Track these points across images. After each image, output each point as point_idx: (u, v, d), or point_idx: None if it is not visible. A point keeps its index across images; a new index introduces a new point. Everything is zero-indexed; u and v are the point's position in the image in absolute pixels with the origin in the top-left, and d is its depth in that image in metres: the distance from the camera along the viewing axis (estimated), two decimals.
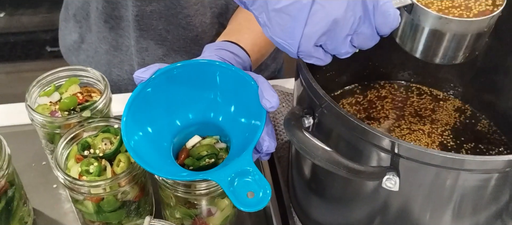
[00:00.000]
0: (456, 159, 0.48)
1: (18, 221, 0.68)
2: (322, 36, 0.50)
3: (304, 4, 0.48)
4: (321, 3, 0.48)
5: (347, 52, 0.53)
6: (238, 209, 0.53)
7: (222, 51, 0.67)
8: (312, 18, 0.49)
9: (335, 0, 0.48)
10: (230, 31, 0.79)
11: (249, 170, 0.53)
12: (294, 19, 0.49)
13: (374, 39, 0.52)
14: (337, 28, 0.50)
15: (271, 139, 0.57)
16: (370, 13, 0.50)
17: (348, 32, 0.50)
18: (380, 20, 0.50)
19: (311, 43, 0.50)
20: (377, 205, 0.58)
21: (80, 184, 0.60)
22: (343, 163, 0.49)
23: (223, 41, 0.71)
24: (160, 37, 0.90)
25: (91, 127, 0.67)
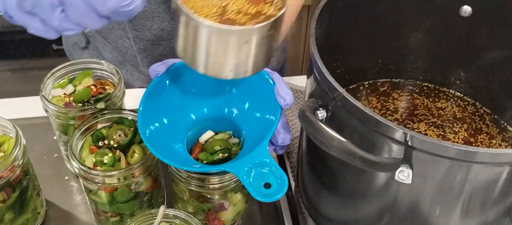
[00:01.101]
0: (469, 151, 0.49)
1: (31, 211, 0.69)
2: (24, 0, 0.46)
3: None
4: None
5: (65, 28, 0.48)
6: (249, 204, 0.54)
7: None
8: None
9: None
10: None
11: (266, 161, 0.54)
12: None
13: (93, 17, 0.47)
14: None
15: (286, 131, 0.58)
16: None
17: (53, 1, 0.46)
18: None
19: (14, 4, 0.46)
20: (388, 199, 0.59)
21: (95, 173, 0.61)
22: (358, 153, 0.50)
23: None
24: (155, 37, 0.89)
25: (105, 119, 0.67)
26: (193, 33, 0.48)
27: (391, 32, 0.76)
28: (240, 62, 0.50)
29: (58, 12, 0.47)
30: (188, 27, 0.48)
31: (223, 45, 0.48)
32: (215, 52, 0.49)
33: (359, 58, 0.77)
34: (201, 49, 0.49)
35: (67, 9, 0.47)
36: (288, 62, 1.14)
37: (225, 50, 0.49)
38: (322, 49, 0.58)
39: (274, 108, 0.58)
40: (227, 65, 0.50)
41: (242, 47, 0.49)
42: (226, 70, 0.50)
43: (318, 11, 0.62)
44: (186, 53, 0.51)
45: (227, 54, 0.49)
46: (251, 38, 0.48)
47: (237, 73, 0.51)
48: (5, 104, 0.88)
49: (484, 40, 0.73)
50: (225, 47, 0.48)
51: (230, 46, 0.48)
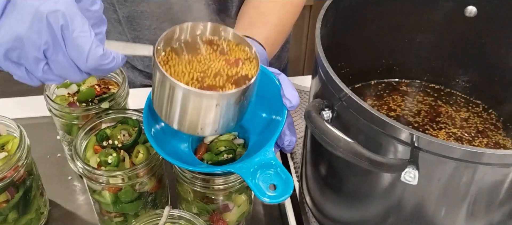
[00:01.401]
0: (476, 152, 0.48)
1: (35, 211, 0.69)
2: (11, 51, 0.48)
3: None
4: (8, 16, 0.47)
5: (47, 79, 0.50)
6: (253, 205, 0.54)
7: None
8: (0, 29, 0.47)
9: (21, 17, 0.46)
10: (243, 26, 0.79)
11: (272, 163, 0.54)
12: None
13: (75, 72, 0.50)
14: (24, 47, 0.47)
15: (292, 133, 0.58)
16: (60, 42, 0.48)
17: (37, 55, 0.48)
18: (74, 54, 0.48)
19: (1, 54, 0.48)
20: (393, 200, 0.58)
21: (99, 173, 0.61)
22: (365, 154, 0.50)
23: None
24: (155, 37, 0.89)
25: (109, 118, 0.67)
26: (168, 93, 0.51)
27: (396, 32, 0.76)
28: (211, 122, 0.53)
29: (42, 65, 0.49)
30: (165, 87, 0.51)
31: (196, 107, 0.51)
32: (189, 113, 0.52)
33: (364, 59, 0.77)
34: (176, 108, 0.52)
35: (50, 63, 0.49)
36: (290, 62, 1.14)
37: (198, 112, 0.51)
38: (326, 49, 0.57)
39: (280, 110, 0.58)
40: (200, 124, 0.53)
41: (214, 110, 0.51)
42: (198, 128, 0.53)
43: (323, 11, 0.62)
44: (161, 109, 0.53)
45: (199, 115, 0.52)
46: (221, 102, 0.51)
47: (210, 131, 0.54)
48: (8, 104, 0.88)
49: (489, 41, 0.73)
50: (198, 109, 0.51)
51: (202, 108, 0.51)
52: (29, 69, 0.49)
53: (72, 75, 0.50)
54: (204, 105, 0.51)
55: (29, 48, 0.47)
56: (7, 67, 0.49)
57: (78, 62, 0.49)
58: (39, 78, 0.50)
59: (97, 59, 0.49)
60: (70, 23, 0.47)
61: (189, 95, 0.50)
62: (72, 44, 0.48)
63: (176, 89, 0.50)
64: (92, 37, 0.48)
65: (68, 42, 0.48)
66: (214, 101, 0.51)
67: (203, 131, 0.53)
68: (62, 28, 0.47)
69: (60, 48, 0.48)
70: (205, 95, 0.50)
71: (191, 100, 0.50)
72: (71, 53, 0.48)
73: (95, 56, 0.48)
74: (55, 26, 0.47)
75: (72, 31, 0.47)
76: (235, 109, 0.53)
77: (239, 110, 0.54)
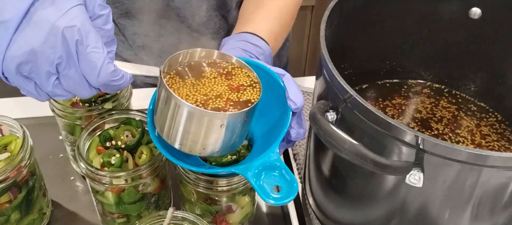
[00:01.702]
0: (481, 155, 0.48)
1: (38, 212, 0.69)
2: (23, 65, 0.48)
3: (8, 27, 0.47)
4: (23, 30, 0.47)
5: (56, 94, 0.51)
6: (257, 207, 0.53)
7: (243, 43, 0.67)
8: (14, 42, 0.48)
9: (36, 31, 0.47)
10: (245, 21, 0.78)
11: (276, 164, 0.53)
12: (0, 38, 0.48)
13: (85, 87, 0.51)
14: (37, 60, 0.48)
15: (299, 126, 0.58)
16: (74, 56, 0.49)
17: (50, 70, 0.49)
18: (86, 69, 0.49)
19: (13, 68, 0.48)
20: (397, 202, 0.58)
21: (102, 174, 0.61)
22: (370, 156, 0.50)
23: (242, 33, 0.71)
24: (154, 33, 0.89)
25: (113, 119, 0.67)
26: (173, 112, 0.52)
27: (400, 34, 0.76)
28: (213, 142, 0.54)
29: (53, 80, 0.50)
30: (170, 106, 0.52)
31: (201, 126, 0.52)
32: (192, 132, 0.53)
33: (368, 60, 0.77)
34: (179, 127, 0.53)
35: (62, 77, 0.50)
36: (291, 63, 1.14)
37: (202, 131, 0.53)
38: (330, 50, 0.57)
39: (285, 111, 0.57)
40: (202, 144, 0.54)
41: (218, 130, 0.53)
42: (200, 148, 0.54)
43: (327, 12, 0.62)
44: (163, 128, 0.54)
45: (203, 135, 0.53)
46: (227, 122, 0.53)
47: (211, 151, 0.55)
48: (11, 103, 0.88)
49: (493, 42, 0.73)
50: (203, 128, 0.53)
51: (207, 127, 0.53)
52: (39, 84, 0.50)
53: (81, 90, 0.51)
54: (210, 125, 0.52)
55: (42, 62, 0.48)
56: (17, 81, 0.50)
57: (90, 77, 0.50)
58: (48, 92, 0.51)
59: (108, 75, 0.50)
60: (85, 39, 0.48)
61: (197, 114, 0.52)
62: (85, 59, 0.49)
63: (183, 109, 0.51)
64: (105, 53, 0.50)
65: (82, 57, 0.49)
66: (220, 121, 0.52)
67: (205, 151, 0.55)
68: (77, 43, 0.48)
69: (73, 63, 0.49)
70: (212, 115, 0.52)
71: (197, 120, 0.52)
72: (83, 68, 0.49)
73: (107, 72, 0.50)
74: (70, 41, 0.48)
75: (86, 46, 0.48)
76: (237, 131, 0.55)
77: (240, 133, 0.56)
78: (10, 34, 0.47)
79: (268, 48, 0.70)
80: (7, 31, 0.47)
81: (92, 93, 0.52)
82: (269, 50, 0.70)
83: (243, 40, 0.68)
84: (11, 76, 0.49)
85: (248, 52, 0.66)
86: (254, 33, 0.71)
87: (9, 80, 0.50)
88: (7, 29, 0.47)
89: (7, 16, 0.47)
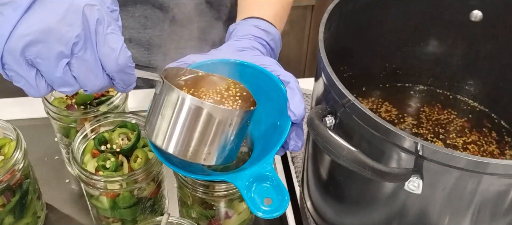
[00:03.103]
0: (481, 162, 0.47)
1: (32, 215, 0.68)
2: (32, 45, 0.44)
3: (19, 5, 0.43)
4: (36, 10, 0.44)
5: (63, 82, 0.46)
6: None
7: (254, 29, 0.65)
8: (24, 21, 0.43)
9: (52, 8, 0.44)
10: (247, 6, 0.75)
11: (268, 175, 0.52)
12: (6, 18, 0.43)
13: (98, 72, 0.47)
14: (50, 40, 0.44)
15: (298, 137, 0.57)
16: (92, 37, 0.46)
17: (63, 50, 0.44)
18: (105, 51, 0.46)
19: (19, 49, 0.44)
20: (396, 208, 0.58)
21: (96, 179, 0.60)
22: (368, 163, 0.49)
23: (250, 18, 0.69)
24: (140, 25, 0.88)
25: (108, 122, 0.66)
26: (177, 112, 0.50)
27: (400, 36, 0.75)
28: (217, 145, 0.53)
29: (64, 63, 0.45)
30: (173, 106, 0.50)
31: (207, 124, 0.51)
32: (199, 131, 0.51)
33: (367, 63, 0.76)
34: (183, 130, 0.51)
35: (75, 61, 0.46)
36: (291, 64, 1.12)
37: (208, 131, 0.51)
38: (329, 52, 0.56)
39: (286, 120, 0.56)
40: (206, 148, 0.52)
41: (226, 129, 0.52)
42: (203, 153, 0.52)
43: (326, 15, 0.61)
44: (162, 136, 0.52)
45: (210, 135, 0.51)
46: (235, 120, 0.52)
47: (215, 158, 0.53)
48: (5, 104, 0.87)
49: (494, 45, 0.72)
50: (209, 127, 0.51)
51: (215, 126, 0.51)
52: (44, 70, 0.45)
53: (92, 78, 0.47)
54: (220, 122, 0.51)
55: (55, 42, 0.44)
56: (17, 67, 0.45)
57: (108, 59, 0.46)
58: (55, 79, 0.46)
59: (127, 60, 0.47)
60: (105, 19, 0.46)
61: (212, 111, 0.50)
62: (104, 40, 0.46)
63: (192, 106, 0.49)
64: (122, 38, 0.47)
65: (100, 38, 0.46)
66: (231, 118, 0.51)
67: (210, 155, 0.53)
68: (97, 23, 0.45)
69: (90, 44, 0.46)
70: (225, 111, 0.51)
71: (206, 116, 0.50)
72: (102, 50, 0.46)
73: (126, 55, 0.47)
74: (90, 20, 0.45)
75: (107, 27, 0.46)
76: (240, 135, 0.54)
77: (240, 139, 0.55)
78: (19, 13, 0.43)
79: (277, 33, 0.69)
80: (16, 11, 0.43)
81: (102, 84, 0.48)
82: (278, 34, 0.69)
83: (253, 25, 0.66)
84: (12, 60, 0.44)
85: (259, 39, 0.64)
86: (262, 18, 0.69)
87: (5, 67, 0.45)
88: (17, 8, 0.43)
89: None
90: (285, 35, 1.68)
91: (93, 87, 0.48)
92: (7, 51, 0.44)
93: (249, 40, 0.64)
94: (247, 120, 0.54)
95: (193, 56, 0.60)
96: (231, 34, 0.67)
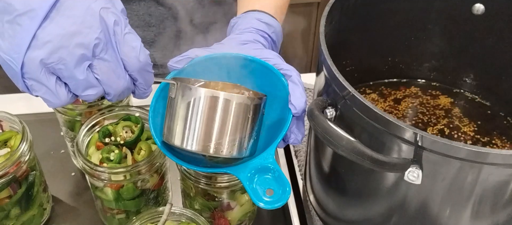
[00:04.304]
0: (481, 152, 0.48)
1: (38, 207, 0.69)
2: (52, 53, 0.44)
3: (36, 15, 0.43)
4: (53, 18, 0.44)
5: (87, 84, 0.46)
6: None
7: (256, 23, 0.65)
8: (42, 29, 0.44)
9: (70, 14, 0.44)
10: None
11: (270, 167, 0.53)
12: (24, 29, 0.43)
13: (120, 72, 0.47)
14: (70, 43, 0.44)
15: (299, 130, 0.57)
16: (111, 38, 0.46)
17: (85, 53, 0.45)
18: (126, 50, 0.47)
19: (39, 58, 0.44)
20: (397, 199, 0.58)
21: (100, 170, 0.61)
22: (367, 153, 0.49)
23: (250, 11, 0.69)
24: (144, 23, 0.88)
25: (112, 115, 0.67)
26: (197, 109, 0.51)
27: (402, 30, 0.75)
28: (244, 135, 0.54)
29: (86, 65, 0.46)
30: (190, 104, 0.51)
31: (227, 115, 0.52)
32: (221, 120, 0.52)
33: (369, 57, 0.76)
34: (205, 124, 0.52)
35: (97, 62, 0.46)
36: (296, 60, 1.13)
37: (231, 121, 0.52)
38: (331, 47, 0.57)
39: (287, 113, 0.57)
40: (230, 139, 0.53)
41: (246, 119, 0.53)
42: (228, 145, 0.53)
43: (328, 8, 0.61)
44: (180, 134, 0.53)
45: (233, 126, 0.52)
46: (253, 110, 0.53)
47: (238, 148, 0.54)
48: (12, 100, 0.88)
49: (497, 39, 0.72)
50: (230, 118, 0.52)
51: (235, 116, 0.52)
52: (66, 75, 0.45)
53: (116, 78, 0.47)
54: (241, 111, 0.52)
55: (76, 46, 0.44)
56: (37, 76, 0.45)
57: (130, 57, 0.47)
58: (77, 83, 0.46)
59: (147, 57, 0.48)
60: (121, 20, 0.47)
61: (225, 98, 0.51)
62: (124, 40, 0.47)
63: (206, 97, 0.51)
64: (138, 36, 0.48)
65: (119, 38, 0.46)
66: (251, 106, 0.53)
67: (232, 146, 0.53)
68: (115, 24, 0.46)
69: (110, 45, 0.46)
70: (243, 97, 0.52)
71: (225, 106, 0.51)
72: (123, 50, 0.47)
73: (145, 53, 0.48)
74: (108, 22, 0.46)
75: (124, 27, 0.47)
76: (256, 123, 0.55)
77: (257, 129, 0.56)
78: (37, 22, 0.43)
79: (279, 25, 0.69)
80: (34, 20, 0.43)
81: (125, 85, 0.48)
82: (279, 27, 0.69)
83: (255, 18, 0.67)
84: (32, 69, 0.44)
85: (261, 32, 0.65)
86: (263, 11, 0.70)
87: (24, 76, 0.45)
88: (34, 17, 0.43)
89: (35, 5, 0.44)
90: (291, 32, 1.68)
91: (117, 88, 0.48)
92: (28, 60, 0.44)
93: (251, 33, 0.64)
94: (262, 107, 0.54)
95: (196, 50, 0.60)
96: (232, 27, 0.68)
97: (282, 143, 0.59)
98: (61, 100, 0.47)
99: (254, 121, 0.53)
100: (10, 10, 0.44)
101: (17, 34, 0.44)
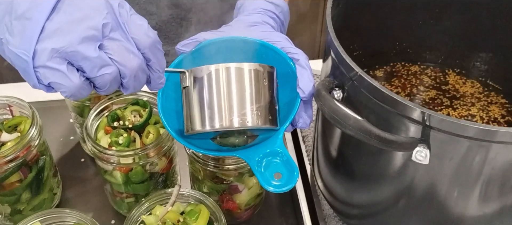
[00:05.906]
0: (489, 130, 0.47)
1: (48, 191, 0.69)
2: (62, 39, 0.45)
3: (44, 7, 0.44)
4: (61, 5, 0.45)
5: (102, 61, 0.46)
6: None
7: (263, 3, 0.65)
8: (51, 20, 0.44)
9: (74, 4, 0.45)
10: None
11: (278, 151, 0.53)
12: (33, 22, 0.44)
13: (131, 51, 0.47)
14: (79, 28, 0.45)
15: (307, 114, 0.57)
16: (118, 19, 0.47)
17: (94, 33, 0.45)
18: (134, 28, 0.47)
19: (49, 47, 0.44)
20: (405, 181, 0.58)
21: (109, 153, 0.61)
22: (374, 132, 0.49)
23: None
24: (145, 11, 0.88)
25: (120, 100, 0.68)
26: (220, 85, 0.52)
27: (410, 14, 0.75)
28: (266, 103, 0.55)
29: (96, 46, 0.46)
30: (214, 80, 0.52)
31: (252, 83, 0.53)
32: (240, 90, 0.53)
33: (377, 41, 0.76)
34: (235, 97, 0.52)
35: (108, 42, 0.46)
36: (304, 46, 1.12)
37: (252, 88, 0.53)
38: (338, 31, 0.57)
39: (295, 97, 0.57)
40: (258, 108, 0.53)
41: (264, 84, 0.54)
42: (255, 114, 0.53)
43: None
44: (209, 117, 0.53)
45: (259, 94, 0.54)
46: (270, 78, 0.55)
47: (264, 118, 0.54)
48: (22, 88, 0.88)
49: (505, 22, 0.71)
50: (252, 84, 0.53)
51: (255, 84, 0.54)
52: (80, 57, 0.45)
53: (128, 54, 0.47)
54: (256, 77, 0.53)
55: (85, 29, 0.45)
56: (50, 63, 0.45)
57: (140, 35, 0.47)
58: (92, 62, 0.46)
59: (155, 35, 0.48)
60: (125, 3, 0.47)
61: (237, 67, 0.52)
62: (131, 20, 0.47)
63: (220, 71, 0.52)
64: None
65: (126, 19, 0.47)
66: (262, 72, 0.54)
67: (255, 115, 0.53)
68: (119, 6, 0.47)
69: (119, 25, 0.47)
70: (256, 65, 0.53)
71: (239, 75, 0.52)
72: (131, 28, 0.47)
73: (154, 31, 0.48)
74: (113, 4, 0.46)
75: (129, 9, 0.48)
76: (273, 91, 0.55)
77: (274, 99, 0.56)
78: (45, 14, 0.44)
79: (286, 5, 0.69)
80: (42, 12, 0.44)
81: (138, 62, 0.47)
82: (286, 6, 0.69)
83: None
84: (44, 57, 0.44)
85: (269, 13, 0.65)
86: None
87: (35, 64, 0.45)
88: (42, 10, 0.44)
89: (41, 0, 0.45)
90: (300, 20, 1.68)
91: (131, 67, 0.47)
92: (39, 49, 0.45)
93: (259, 14, 0.64)
94: (275, 77, 0.55)
95: (204, 33, 0.60)
96: (239, 9, 0.67)
97: (290, 127, 0.59)
98: (74, 83, 0.46)
99: (271, 89, 0.53)
100: (17, 8, 0.45)
101: (26, 28, 0.44)
